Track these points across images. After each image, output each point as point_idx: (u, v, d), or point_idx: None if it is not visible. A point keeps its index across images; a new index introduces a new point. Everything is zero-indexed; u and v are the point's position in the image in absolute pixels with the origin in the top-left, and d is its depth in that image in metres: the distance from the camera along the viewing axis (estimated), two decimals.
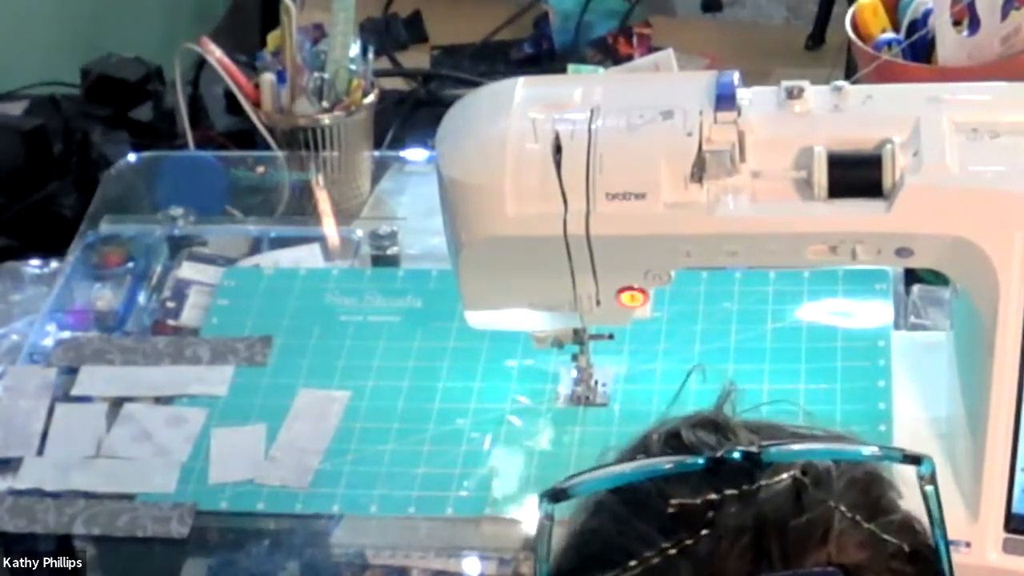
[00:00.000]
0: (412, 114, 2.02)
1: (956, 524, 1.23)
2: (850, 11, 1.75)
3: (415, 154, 1.83)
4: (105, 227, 1.72)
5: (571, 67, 1.77)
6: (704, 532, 0.72)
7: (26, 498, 1.44)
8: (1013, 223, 1.21)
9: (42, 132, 1.91)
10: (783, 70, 1.96)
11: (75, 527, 1.41)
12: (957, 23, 1.67)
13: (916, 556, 0.75)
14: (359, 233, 1.71)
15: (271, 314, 1.60)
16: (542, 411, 1.47)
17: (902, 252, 1.25)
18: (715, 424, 0.79)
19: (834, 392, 1.44)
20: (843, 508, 0.73)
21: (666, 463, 0.75)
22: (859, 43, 1.72)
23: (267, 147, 1.77)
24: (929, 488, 0.76)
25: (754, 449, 0.75)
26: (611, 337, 1.43)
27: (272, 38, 1.78)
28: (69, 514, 1.42)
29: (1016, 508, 1.27)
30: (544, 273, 1.29)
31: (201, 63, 1.91)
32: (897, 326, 1.51)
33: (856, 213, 1.22)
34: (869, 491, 0.76)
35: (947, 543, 0.76)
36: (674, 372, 1.49)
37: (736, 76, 1.26)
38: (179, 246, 1.69)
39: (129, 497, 1.43)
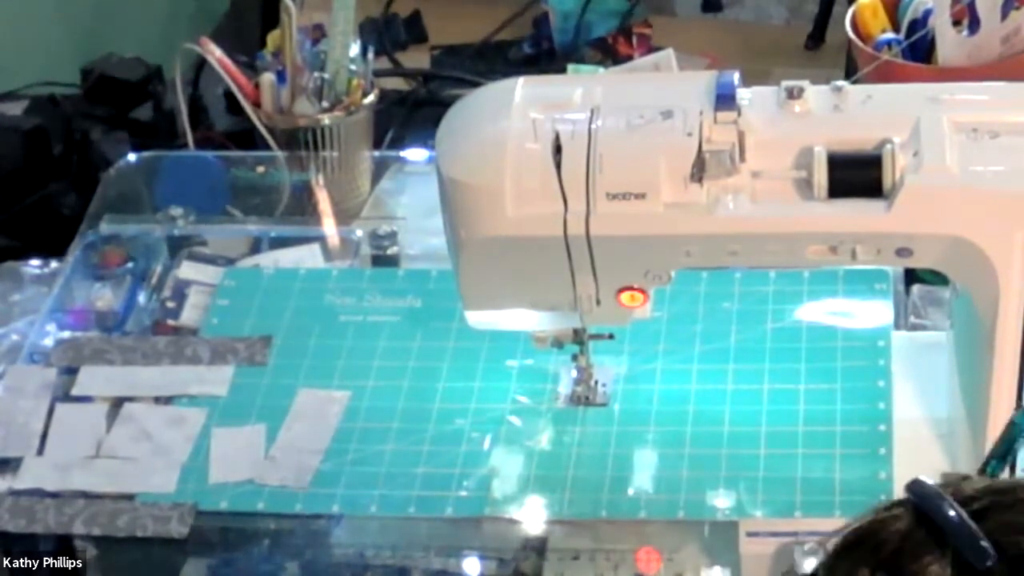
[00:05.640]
0: (412, 114, 2.02)
1: None
2: (850, 11, 1.76)
3: (415, 154, 1.83)
4: (105, 227, 1.72)
5: (571, 67, 1.77)
6: None
7: (26, 498, 1.44)
8: (1013, 223, 1.21)
9: (42, 132, 1.91)
10: (783, 70, 1.96)
11: (75, 527, 1.41)
12: (957, 23, 1.67)
13: None
14: (359, 233, 1.71)
15: (271, 314, 1.60)
16: (542, 411, 1.47)
17: (902, 252, 1.25)
18: None
19: (834, 392, 1.44)
20: None
21: None
22: (859, 43, 1.72)
23: (267, 147, 1.76)
24: None
25: None
26: (611, 337, 1.43)
27: (272, 38, 1.78)
28: (69, 514, 1.42)
29: None
30: (544, 273, 1.29)
31: (201, 63, 1.91)
32: (897, 326, 1.51)
33: (856, 213, 1.22)
34: None
35: None
36: (674, 372, 1.49)
37: (736, 76, 1.26)
38: (179, 246, 1.69)
39: (129, 497, 1.43)
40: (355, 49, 1.75)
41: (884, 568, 0.72)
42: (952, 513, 0.72)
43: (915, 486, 0.75)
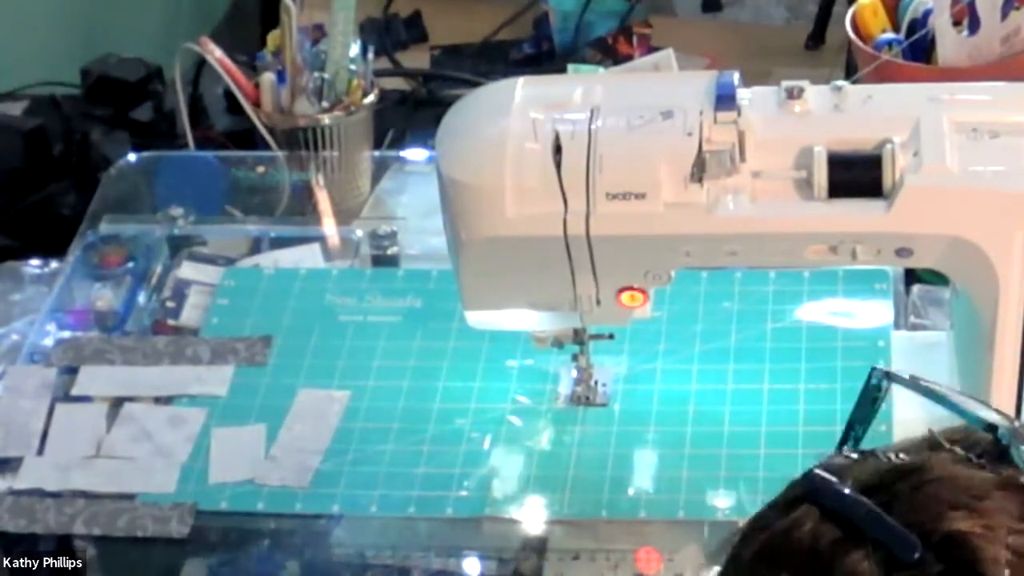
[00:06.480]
0: (412, 114, 2.02)
1: None
2: (850, 11, 1.75)
3: (415, 154, 1.83)
4: (105, 227, 1.72)
5: (571, 67, 1.77)
6: None
7: (26, 498, 1.44)
8: (1013, 223, 1.21)
9: (42, 132, 1.91)
10: (783, 70, 1.96)
11: (75, 527, 1.41)
12: (957, 23, 1.67)
13: None
14: (359, 233, 1.71)
15: (271, 314, 1.60)
16: (542, 411, 1.47)
17: (902, 252, 1.25)
18: None
19: (834, 392, 1.44)
20: None
21: None
22: (859, 43, 1.72)
23: (267, 147, 1.76)
24: None
25: None
26: (611, 337, 1.43)
27: (272, 38, 1.78)
28: (69, 514, 1.42)
29: None
30: (544, 273, 1.29)
31: (201, 63, 1.91)
32: (897, 326, 1.51)
33: (856, 213, 1.22)
34: None
35: None
36: (674, 372, 1.49)
37: (736, 76, 1.26)
38: (179, 246, 1.69)
39: (129, 497, 1.43)
40: (355, 49, 1.75)
41: (805, 571, 0.72)
42: (864, 509, 0.71)
43: (813, 482, 0.74)
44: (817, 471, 0.74)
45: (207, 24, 2.54)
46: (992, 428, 0.74)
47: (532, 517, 1.39)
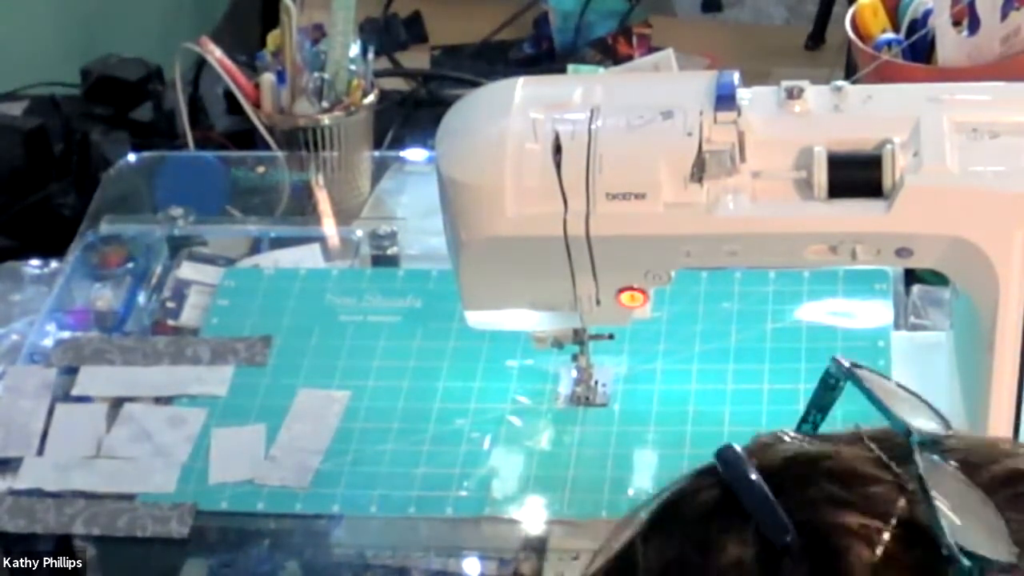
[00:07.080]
0: (412, 114, 2.02)
1: None
2: (850, 11, 1.75)
3: (415, 154, 1.83)
4: (105, 227, 1.72)
5: (571, 67, 1.77)
6: None
7: (26, 498, 1.44)
8: (1013, 223, 1.21)
9: (42, 132, 1.91)
10: (783, 70, 1.96)
11: (75, 527, 1.41)
12: (957, 23, 1.67)
13: None
14: (359, 233, 1.71)
15: (271, 314, 1.60)
16: (542, 411, 1.47)
17: (902, 252, 1.25)
18: None
19: None
20: None
21: None
22: (859, 43, 1.72)
23: (267, 147, 1.76)
24: None
25: None
26: (611, 337, 1.43)
27: (272, 38, 1.78)
28: (69, 514, 1.42)
29: None
30: (544, 273, 1.29)
31: (201, 63, 1.91)
32: (897, 326, 1.51)
33: (856, 213, 1.22)
34: None
35: None
36: (674, 372, 1.49)
37: (736, 76, 1.26)
38: (179, 246, 1.69)
39: (129, 497, 1.43)
40: (355, 49, 1.75)
41: (690, 541, 0.71)
42: (753, 486, 0.71)
43: (724, 452, 0.74)
44: (732, 445, 0.74)
45: (207, 24, 2.54)
46: (908, 433, 0.73)
47: (532, 517, 1.39)
